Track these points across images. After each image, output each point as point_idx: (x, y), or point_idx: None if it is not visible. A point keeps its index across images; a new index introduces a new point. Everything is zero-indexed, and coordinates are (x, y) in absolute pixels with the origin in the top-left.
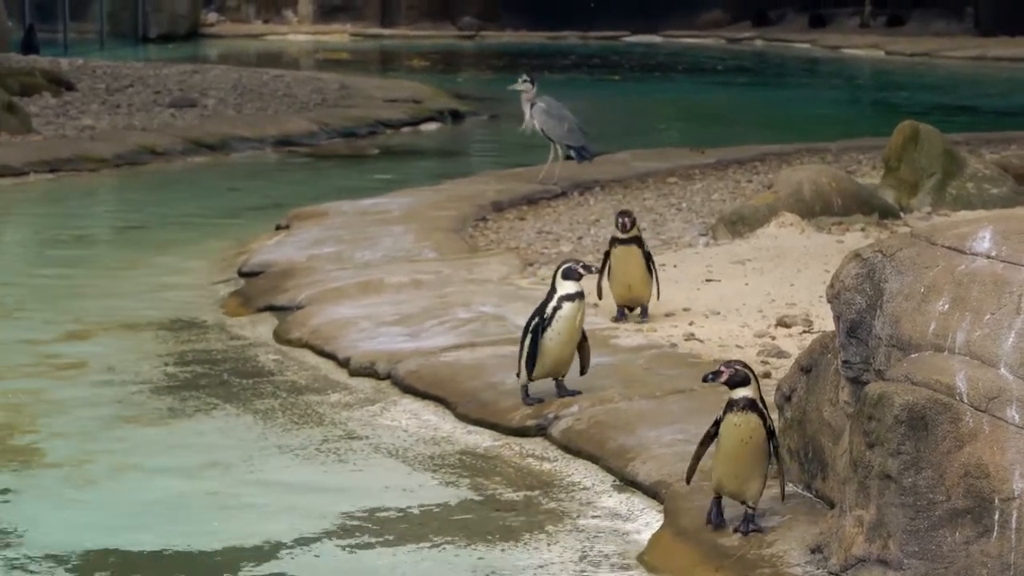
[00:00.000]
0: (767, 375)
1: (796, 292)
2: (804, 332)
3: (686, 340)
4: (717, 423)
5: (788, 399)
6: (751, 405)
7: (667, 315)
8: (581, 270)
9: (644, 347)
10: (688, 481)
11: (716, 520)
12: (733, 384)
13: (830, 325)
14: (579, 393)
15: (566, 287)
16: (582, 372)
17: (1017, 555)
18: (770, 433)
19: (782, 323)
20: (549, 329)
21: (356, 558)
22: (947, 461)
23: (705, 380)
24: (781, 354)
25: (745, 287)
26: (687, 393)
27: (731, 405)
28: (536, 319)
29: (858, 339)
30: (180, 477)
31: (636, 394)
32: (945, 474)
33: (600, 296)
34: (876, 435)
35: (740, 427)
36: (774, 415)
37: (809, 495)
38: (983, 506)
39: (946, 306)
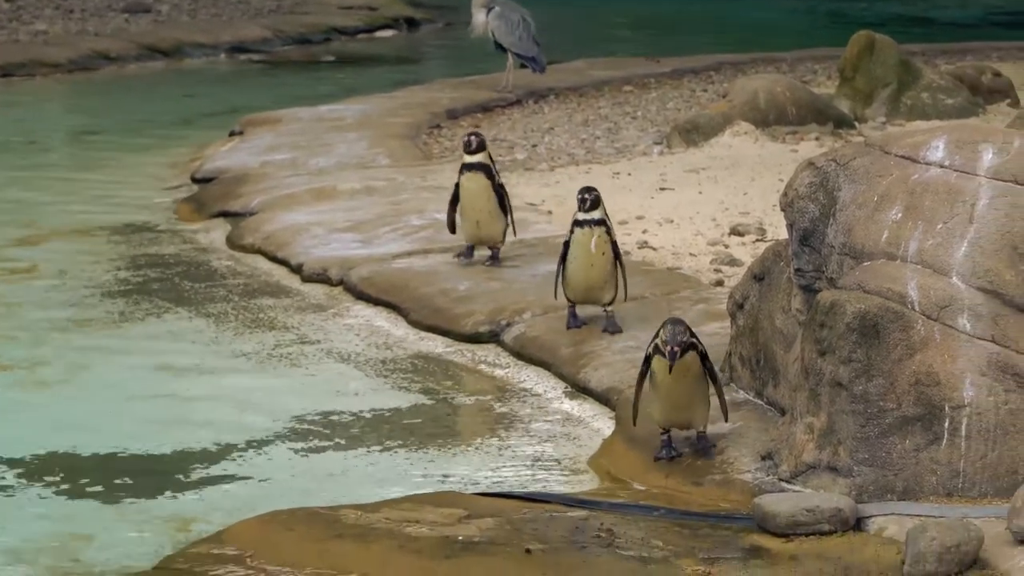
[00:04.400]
0: (720, 283)
1: (750, 201)
2: (757, 240)
3: (639, 248)
4: (648, 360)
5: (740, 307)
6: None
7: (621, 223)
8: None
9: None
10: (635, 423)
11: (668, 455)
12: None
13: (783, 233)
14: (619, 332)
15: (581, 213)
16: (614, 299)
17: (966, 462)
18: (703, 357)
19: (735, 231)
20: (568, 254)
21: (308, 461)
22: (898, 369)
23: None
24: (734, 262)
25: (699, 195)
26: (639, 300)
27: (657, 348)
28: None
29: (811, 247)
30: (131, 380)
31: None
32: (896, 382)
33: (452, 230)
34: (827, 343)
35: (674, 367)
36: (725, 323)
37: (760, 402)
38: (933, 414)
39: (899, 215)
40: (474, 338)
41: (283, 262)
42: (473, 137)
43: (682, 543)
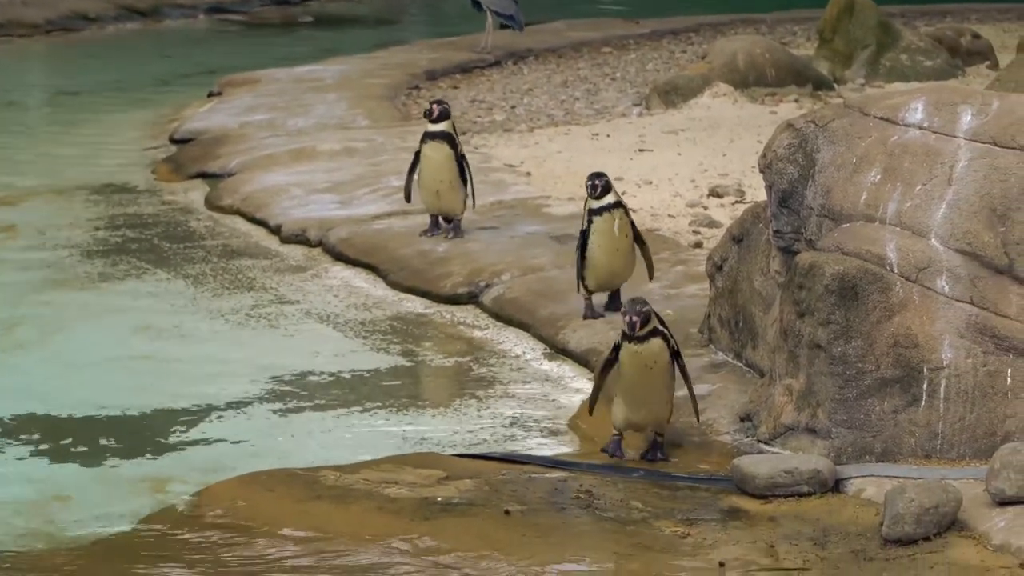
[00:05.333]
0: (699, 244)
1: (729, 162)
2: (736, 202)
3: None
4: (615, 348)
5: (719, 268)
6: (652, 331)
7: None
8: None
9: (576, 216)
10: (591, 412)
11: (615, 453)
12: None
13: (762, 195)
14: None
15: (594, 200)
16: (650, 278)
17: (945, 424)
18: (675, 353)
19: (714, 193)
20: (589, 242)
21: (287, 422)
22: (877, 331)
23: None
24: (713, 224)
25: (678, 157)
26: None
27: (627, 336)
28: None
29: (790, 209)
30: (110, 341)
31: (567, 263)
32: (875, 344)
33: (408, 198)
34: (806, 304)
35: (641, 354)
36: (704, 285)
37: (739, 364)
38: (912, 375)
39: (878, 176)
40: (453, 299)
41: (262, 223)
42: (436, 106)
43: (661, 505)
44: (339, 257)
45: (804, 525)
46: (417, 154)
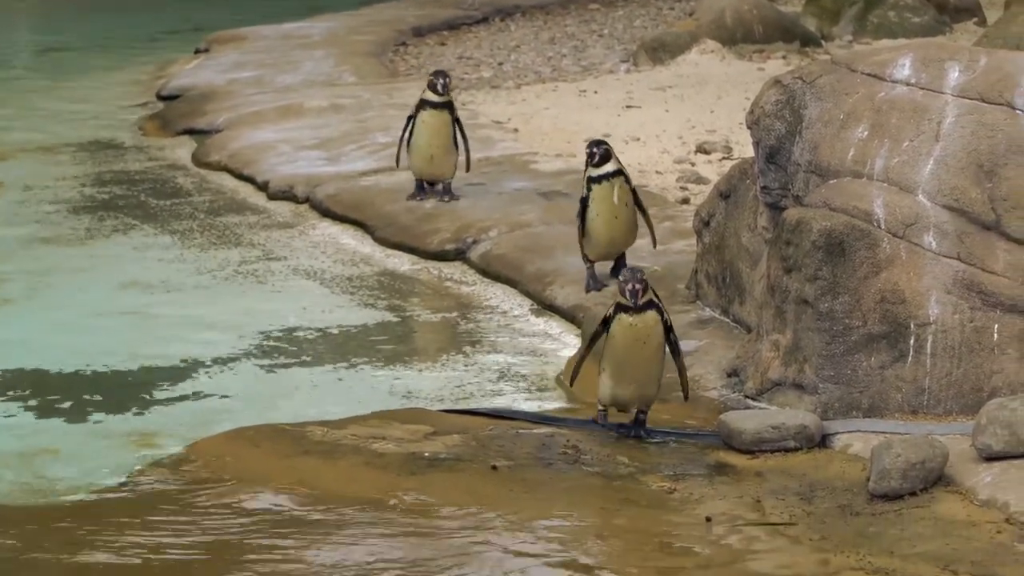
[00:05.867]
0: (686, 201)
1: (716, 119)
2: (723, 158)
3: None
4: (606, 321)
5: (707, 224)
6: (648, 302)
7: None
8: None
9: (564, 172)
10: (571, 383)
11: (605, 427)
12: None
13: (749, 151)
14: None
15: (593, 168)
16: (654, 246)
17: (931, 380)
18: (668, 328)
19: (702, 149)
20: (588, 210)
21: (274, 377)
22: (864, 287)
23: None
24: (700, 180)
25: (665, 113)
26: None
27: (623, 307)
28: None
29: (777, 165)
30: (97, 297)
31: (555, 219)
32: (862, 299)
33: (397, 164)
34: (794, 260)
35: (636, 326)
36: (692, 241)
37: (726, 320)
38: (899, 331)
39: (865, 133)
40: (440, 255)
41: (249, 179)
42: (444, 79)
43: (648, 460)
44: (326, 213)
45: (791, 480)
46: (411, 119)
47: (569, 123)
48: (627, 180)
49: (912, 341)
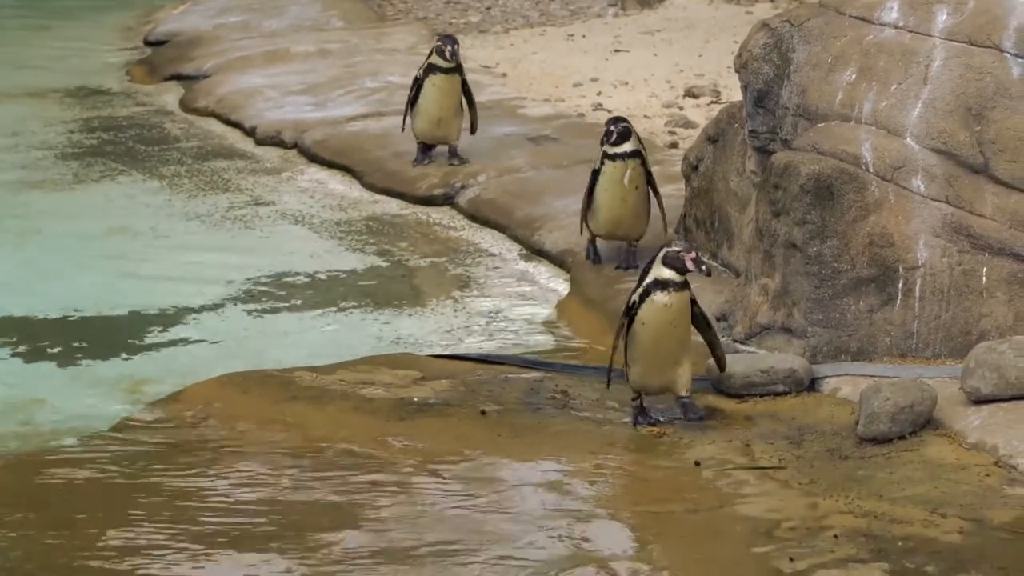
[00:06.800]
0: (674, 145)
1: (704, 63)
2: (712, 102)
3: (594, 110)
4: (630, 309)
5: (695, 169)
6: (683, 283)
7: (575, 85)
8: (615, 131)
9: (552, 117)
10: (608, 385)
11: (648, 421)
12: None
13: (737, 95)
14: (635, 268)
15: (610, 146)
16: (665, 232)
17: (920, 323)
18: (692, 301)
19: (690, 93)
20: (598, 184)
21: (263, 322)
22: (852, 230)
23: None
24: (688, 124)
25: (654, 58)
26: (593, 163)
27: (657, 284)
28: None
29: (765, 109)
30: (86, 243)
31: (543, 164)
32: (850, 243)
33: (403, 128)
34: (782, 204)
35: (671, 307)
36: (680, 185)
37: (715, 264)
38: (887, 275)
39: (853, 76)
40: (428, 201)
41: (237, 125)
42: (453, 46)
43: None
44: (314, 159)
45: (779, 424)
46: (417, 83)
47: (557, 68)
48: (643, 162)
49: (901, 285)
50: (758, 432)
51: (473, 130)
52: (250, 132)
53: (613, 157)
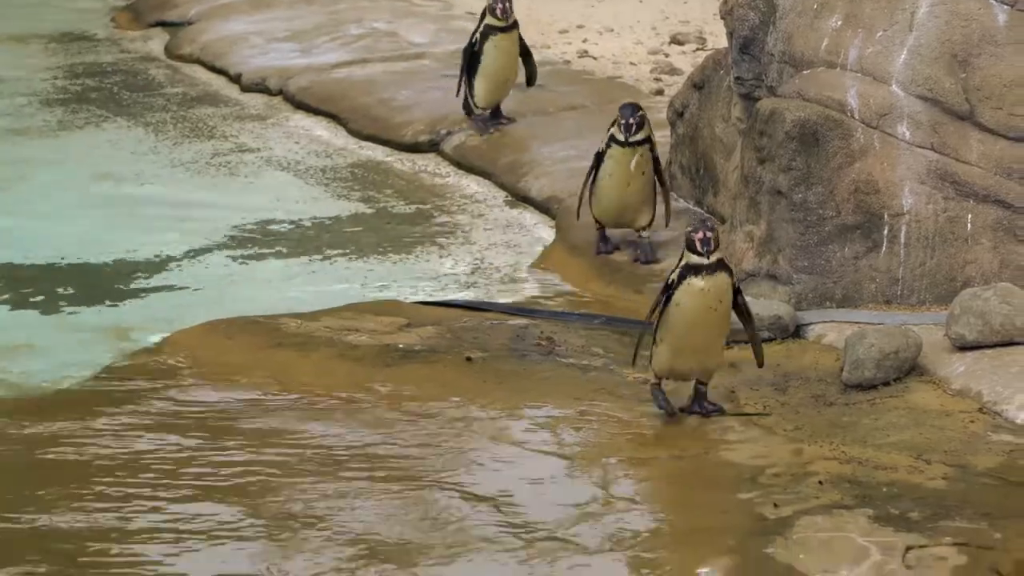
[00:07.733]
0: (660, 92)
1: (690, 9)
2: (697, 49)
3: (580, 57)
4: (668, 288)
5: (680, 115)
6: (720, 263)
7: (561, 32)
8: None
9: (539, 63)
10: (634, 363)
11: (666, 409)
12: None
13: (723, 42)
14: (655, 261)
15: (619, 132)
16: (666, 224)
17: (905, 269)
18: (736, 291)
19: (675, 40)
20: (602, 166)
21: (248, 268)
22: (838, 177)
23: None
24: (674, 71)
25: (639, 4)
26: (580, 109)
27: (693, 268)
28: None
29: (751, 55)
30: (71, 190)
31: (529, 111)
32: (835, 190)
33: (458, 94)
34: (767, 151)
35: (708, 292)
36: (665, 132)
37: (700, 211)
38: (872, 222)
39: (839, 22)
40: (414, 147)
41: (222, 71)
42: (504, 3)
43: (622, 351)
44: (299, 106)
45: (764, 371)
46: (472, 48)
47: (543, 14)
48: (651, 149)
49: (886, 231)
50: (743, 379)
51: (531, 82)
52: (235, 79)
53: (622, 143)
